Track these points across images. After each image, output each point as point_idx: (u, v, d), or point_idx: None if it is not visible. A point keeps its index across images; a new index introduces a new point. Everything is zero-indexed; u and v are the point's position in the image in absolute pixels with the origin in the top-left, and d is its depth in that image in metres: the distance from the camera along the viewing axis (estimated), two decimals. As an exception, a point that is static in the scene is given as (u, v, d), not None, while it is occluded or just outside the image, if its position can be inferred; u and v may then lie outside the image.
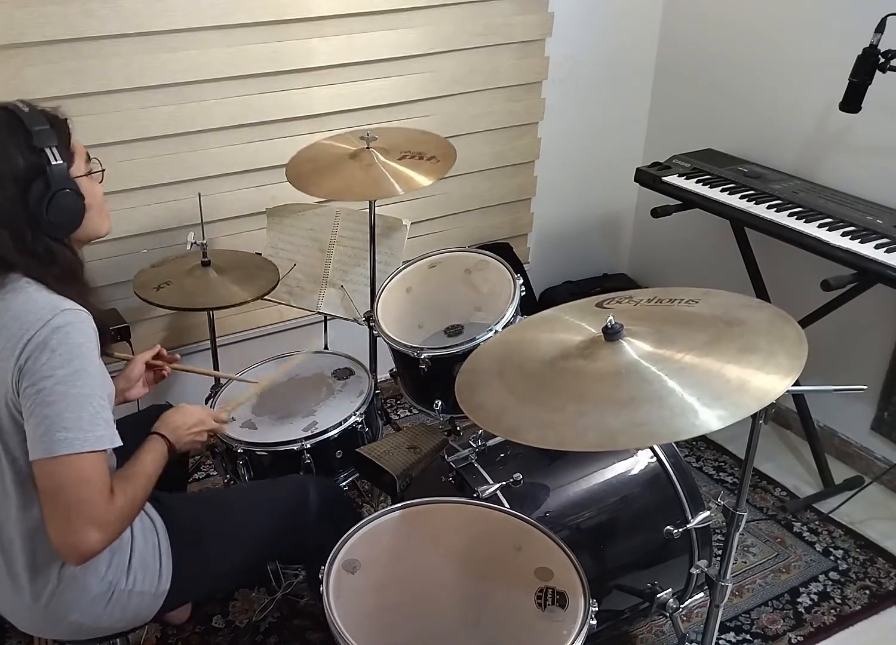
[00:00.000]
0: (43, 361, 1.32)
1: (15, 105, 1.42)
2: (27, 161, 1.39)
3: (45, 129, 1.40)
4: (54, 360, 1.32)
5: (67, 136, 1.46)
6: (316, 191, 2.24)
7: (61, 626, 1.53)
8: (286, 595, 2.20)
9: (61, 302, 1.38)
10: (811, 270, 2.36)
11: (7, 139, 1.38)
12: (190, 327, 2.63)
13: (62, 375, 1.32)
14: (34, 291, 1.39)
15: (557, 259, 3.32)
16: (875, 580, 2.31)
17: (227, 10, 2.33)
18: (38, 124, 1.40)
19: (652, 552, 1.85)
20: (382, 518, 1.56)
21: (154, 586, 1.55)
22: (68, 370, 1.33)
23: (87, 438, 1.33)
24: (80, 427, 1.32)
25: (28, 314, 1.36)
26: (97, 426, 1.34)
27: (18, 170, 1.38)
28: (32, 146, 1.39)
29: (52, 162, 1.39)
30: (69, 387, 1.32)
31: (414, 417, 2.94)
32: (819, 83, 2.56)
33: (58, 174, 1.40)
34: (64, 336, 1.34)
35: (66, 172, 1.42)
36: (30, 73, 2.16)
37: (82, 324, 1.38)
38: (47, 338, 1.33)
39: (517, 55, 2.86)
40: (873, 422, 2.67)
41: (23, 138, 1.39)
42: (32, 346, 1.33)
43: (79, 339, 1.36)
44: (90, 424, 1.34)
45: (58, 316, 1.35)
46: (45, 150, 1.39)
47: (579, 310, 1.59)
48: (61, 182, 1.41)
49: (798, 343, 1.33)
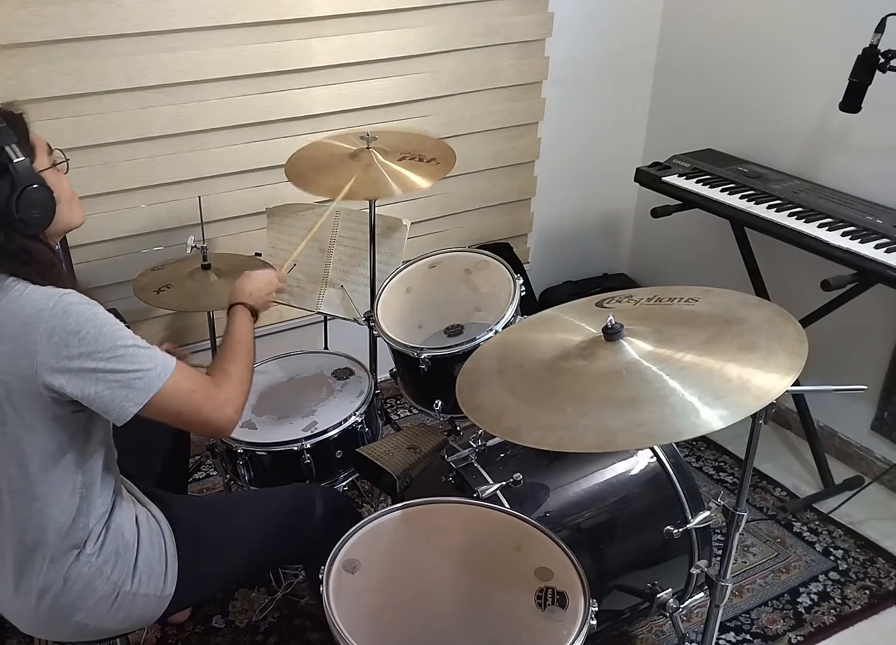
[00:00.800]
0: (75, 345, 1.34)
1: None
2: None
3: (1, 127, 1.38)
4: (86, 339, 1.35)
5: (25, 131, 1.44)
6: (315, 190, 2.24)
7: (65, 627, 1.52)
8: (286, 595, 2.20)
9: (53, 289, 1.38)
10: (811, 270, 2.36)
11: None
12: (190, 327, 2.63)
13: (104, 346, 1.36)
14: (23, 288, 1.38)
15: (557, 259, 3.32)
16: (875, 580, 2.31)
17: (227, 10, 2.33)
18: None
19: (652, 552, 1.85)
20: (382, 518, 1.56)
21: (159, 589, 1.55)
22: (104, 339, 1.37)
23: (157, 371, 1.40)
24: (145, 367, 1.39)
25: (25, 309, 1.35)
26: (154, 357, 1.42)
27: None
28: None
29: (13, 159, 1.37)
30: (116, 350, 1.37)
31: (414, 417, 2.94)
32: (819, 83, 2.56)
33: (21, 171, 1.38)
34: (76, 316, 1.36)
35: (29, 168, 1.39)
36: (30, 73, 2.16)
37: (81, 298, 1.40)
38: (63, 325, 1.34)
39: (517, 55, 2.86)
40: (873, 422, 2.67)
41: None
42: (56, 339, 1.34)
43: (88, 310, 1.38)
44: (148, 360, 1.41)
45: (58, 302, 1.36)
46: (3, 148, 1.37)
47: (579, 310, 1.59)
48: (26, 178, 1.38)
49: (798, 341, 1.33)
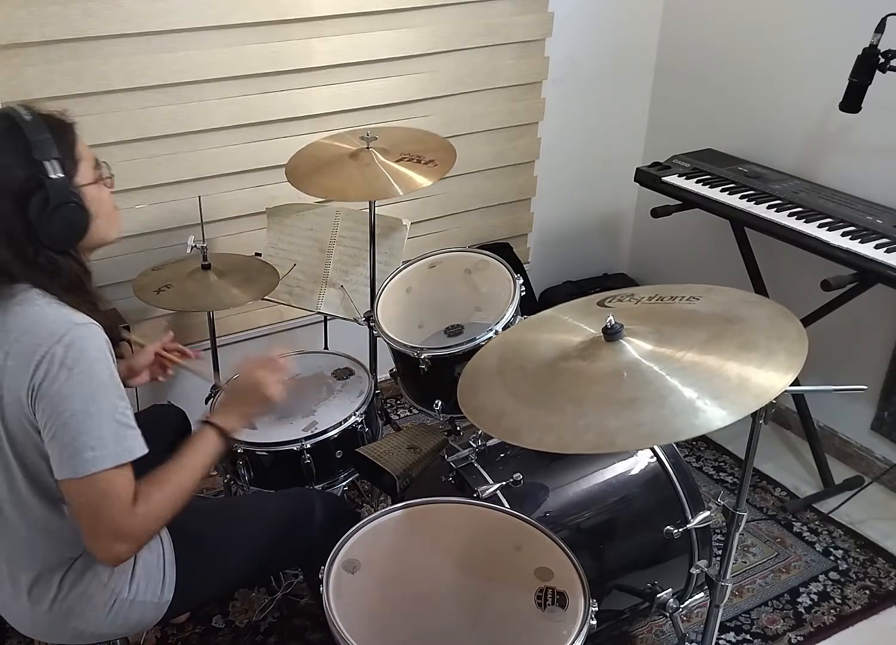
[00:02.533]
0: (62, 380, 1.30)
1: (17, 112, 1.36)
2: (25, 174, 1.33)
3: (45, 138, 1.34)
4: (73, 379, 1.30)
5: (72, 144, 1.40)
6: (315, 190, 2.24)
7: (63, 631, 1.52)
8: (286, 595, 2.20)
9: (72, 315, 1.35)
10: (811, 270, 2.36)
11: (6, 149, 1.33)
12: (190, 327, 2.63)
13: (83, 396, 1.31)
14: (45, 305, 1.36)
15: (557, 259, 3.32)
16: (875, 580, 2.31)
17: (227, 10, 2.33)
18: (38, 134, 1.34)
19: (652, 552, 1.85)
20: (382, 518, 1.56)
21: (157, 596, 1.55)
22: (89, 389, 1.31)
23: (115, 452, 1.32)
24: (106, 444, 1.31)
25: (39, 328, 1.33)
26: (123, 439, 1.34)
27: (16, 183, 1.32)
28: (31, 158, 1.33)
29: (50, 175, 1.34)
30: (90, 405, 1.31)
31: (414, 417, 2.94)
32: (819, 83, 2.56)
33: (57, 188, 1.34)
34: (79, 353, 1.31)
35: (66, 185, 1.36)
36: (30, 73, 2.16)
37: (95, 337, 1.35)
38: (63, 356, 1.30)
39: (517, 55, 2.86)
40: (873, 422, 2.67)
41: (21, 149, 1.33)
42: (47, 364, 1.30)
43: (94, 354, 1.33)
44: (116, 438, 1.33)
45: (71, 331, 1.32)
46: (44, 162, 1.34)
47: (580, 309, 1.59)
48: (62, 196, 1.35)
49: (798, 340, 1.33)
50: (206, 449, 1.51)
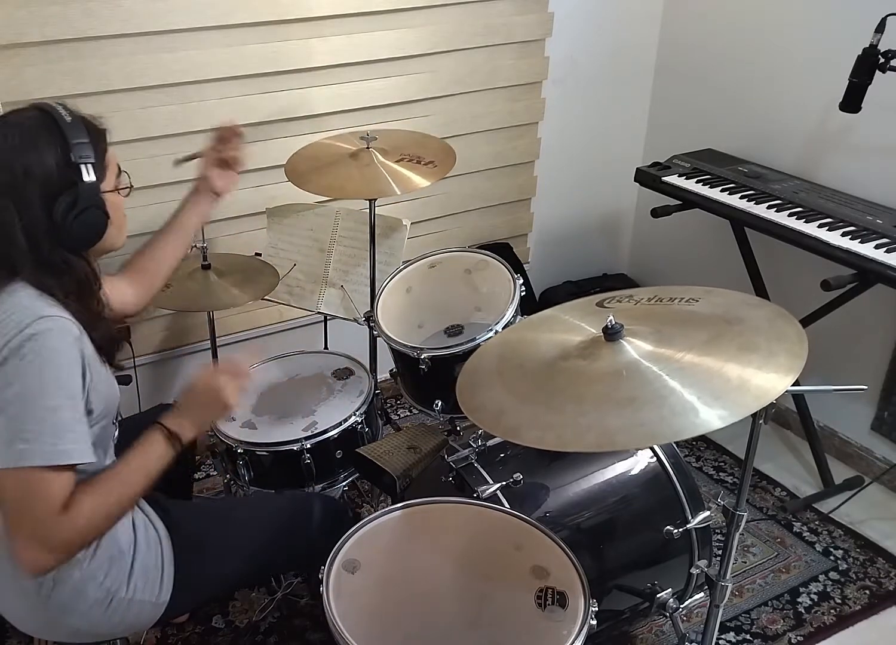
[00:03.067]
0: (10, 366, 1.28)
1: (57, 111, 1.37)
2: (60, 173, 1.35)
3: (84, 143, 1.36)
4: (22, 368, 1.28)
5: (104, 150, 1.43)
6: (314, 188, 2.24)
7: (60, 628, 1.52)
8: (286, 595, 2.20)
9: (43, 308, 1.33)
10: (811, 270, 2.36)
11: (44, 146, 1.34)
12: (190, 327, 2.63)
13: (28, 385, 1.28)
14: (24, 296, 1.35)
15: (557, 259, 3.32)
16: (875, 580, 2.31)
17: (227, 10, 2.33)
18: (78, 137, 1.36)
19: (652, 552, 1.85)
20: (382, 518, 1.56)
21: (155, 595, 1.54)
22: (36, 380, 1.28)
23: (47, 451, 1.27)
24: (41, 440, 1.27)
25: (9, 318, 1.32)
26: (61, 439, 1.29)
27: (50, 180, 1.34)
28: (69, 159, 1.35)
29: (84, 178, 1.36)
30: (35, 397, 1.27)
31: (414, 417, 2.94)
32: (819, 83, 2.56)
33: (88, 191, 1.37)
34: (37, 345, 1.29)
35: (95, 189, 1.38)
36: (30, 73, 2.16)
37: (60, 331, 1.32)
38: (19, 345, 1.28)
39: (517, 55, 2.86)
40: (873, 422, 2.67)
41: (60, 149, 1.34)
42: (6, 351, 1.29)
43: (56, 346, 1.31)
44: (53, 436, 1.28)
45: (35, 323, 1.30)
46: (80, 165, 1.35)
47: (579, 309, 1.59)
48: (90, 199, 1.37)
49: (798, 342, 1.33)
50: (152, 453, 1.43)
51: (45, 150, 1.34)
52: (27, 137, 1.35)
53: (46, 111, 1.38)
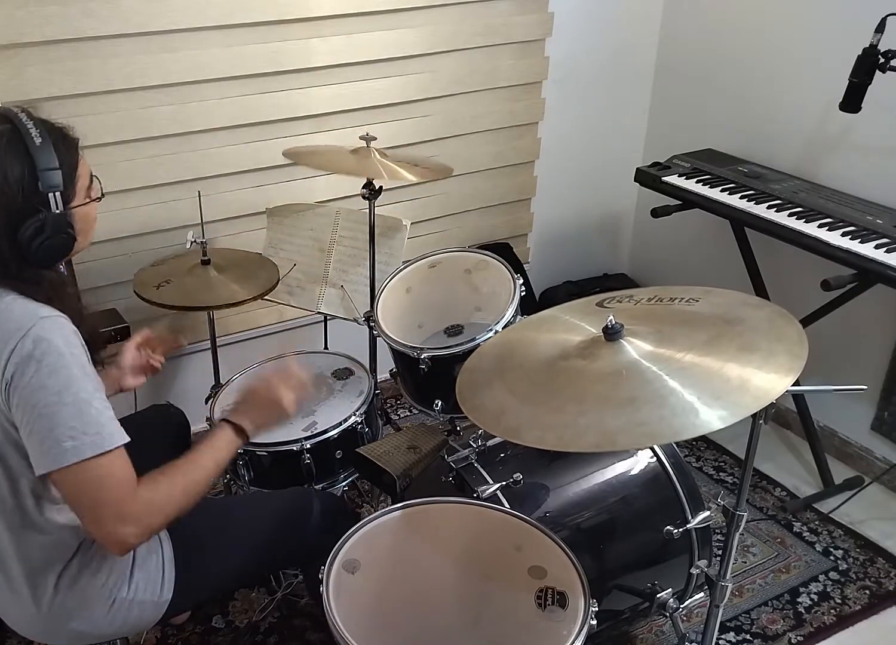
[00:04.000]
0: (31, 373, 1.29)
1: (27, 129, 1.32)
2: (26, 201, 1.32)
3: (53, 170, 1.32)
4: (42, 371, 1.29)
5: (74, 167, 1.39)
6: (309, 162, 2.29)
7: (62, 633, 1.52)
8: (286, 595, 2.20)
9: (38, 309, 1.34)
10: (811, 270, 2.36)
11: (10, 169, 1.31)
12: (190, 327, 2.63)
13: (55, 386, 1.29)
14: (11, 301, 1.35)
15: (557, 259, 3.32)
16: (875, 580, 2.31)
17: (227, 11, 2.33)
18: (47, 163, 1.32)
19: (652, 552, 1.84)
20: (382, 518, 1.56)
21: (156, 595, 1.54)
22: (59, 380, 1.30)
23: (94, 441, 1.31)
24: (86, 432, 1.30)
25: (6, 325, 1.33)
26: (103, 426, 1.33)
27: (15, 206, 1.32)
28: (36, 187, 1.32)
29: (52, 208, 1.34)
30: (64, 395, 1.30)
31: (414, 417, 2.93)
32: (819, 83, 2.56)
33: (54, 221, 1.35)
34: (47, 345, 1.30)
35: (63, 218, 1.36)
36: (30, 73, 2.16)
37: (62, 329, 1.34)
38: (31, 349, 1.29)
39: (517, 55, 2.86)
40: (873, 422, 2.67)
41: (27, 176, 1.31)
42: (17, 358, 1.30)
43: (62, 345, 1.32)
44: (95, 426, 1.32)
45: (37, 324, 1.31)
46: (48, 195, 1.33)
47: (579, 309, 1.59)
48: (56, 228, 1.35)
49: (798, 342, 1.33)
50: (222, 445, 1.51)
51: (10, 175, 1.31)
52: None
53: (16, 127, 1.33)
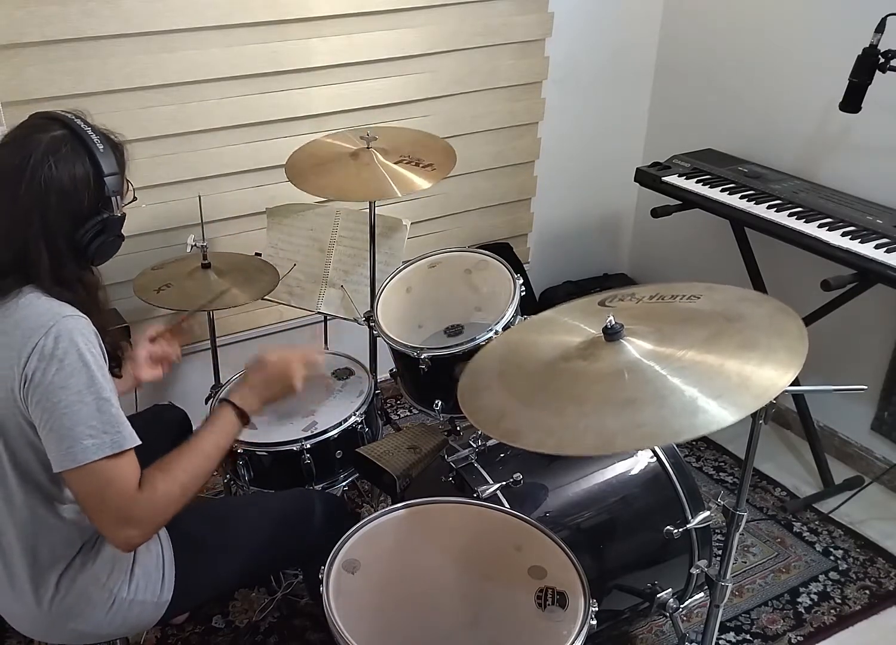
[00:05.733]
0: (52, 372, 1.31)
1: (88, 135, 1.39)
2: (91, 204, 1.39)
3: (116, 174, 1.41)
4: (65, 370, 1.31)
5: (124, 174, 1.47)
6: (313, 189, 2.24)
7: (62, 632, 1.52)
8: (286, 595, 2.20)
9: (61, 308, 1.37)
10: (811, 270, 2.36)
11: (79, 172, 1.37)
12: (190, 327, 2.62)
13: (76, 385, 1.31)
14: (34, 298, 1.37)
15: (557, 259, 3.32)
16: (875, 580, 2.31)
17: (227, 11, 2.33)
18: (111, 168, 1.40)
19: (652, 552, 1.85)
20: (382, 518, 1.56)
21: (156, 595, 1.55)
22: (81, 378, 1.32)
23: (115, 440, 1.33)
24: (105, 431, 1.33)
25: (28, 322, 1.34)
26: (120, 426, 1.35)
27: (81, 207, 1.38)
28: (103, 192, 1.40)
29: (114, 211, 1.42)
30: (85, 394, 1.32)
31: (414, 417, 2.94)
32: (819, 83, 2.56)
33: (115, 223, 1.43)
34: (68, 344, 1.32)
35: (119, 221, 1.44)
36: (30, 73, 2.16)
37: (83, 328, 1.36)
38: (53, 348, 1.31)
39: (517, 55, 2.86)
40: (873, 422, 2.67)
41: (93, 180, 1.38)
42: (37, 356, 1.32)
43: (82, 344, 1.34)
44: (113, 426, 1.34)
45: (58, 323, 1.34)
46: (111, 198, 1.41)
47: (580, 309, 1.59)
48: (115, 230, 1.44)
49: (798, 338, 1.32)
50: (223, 427, 1.53)
51: (79, 180, 1.37)
52: (63, 165, 1.36)
53: (75, 133, 1.38)
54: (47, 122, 1.41)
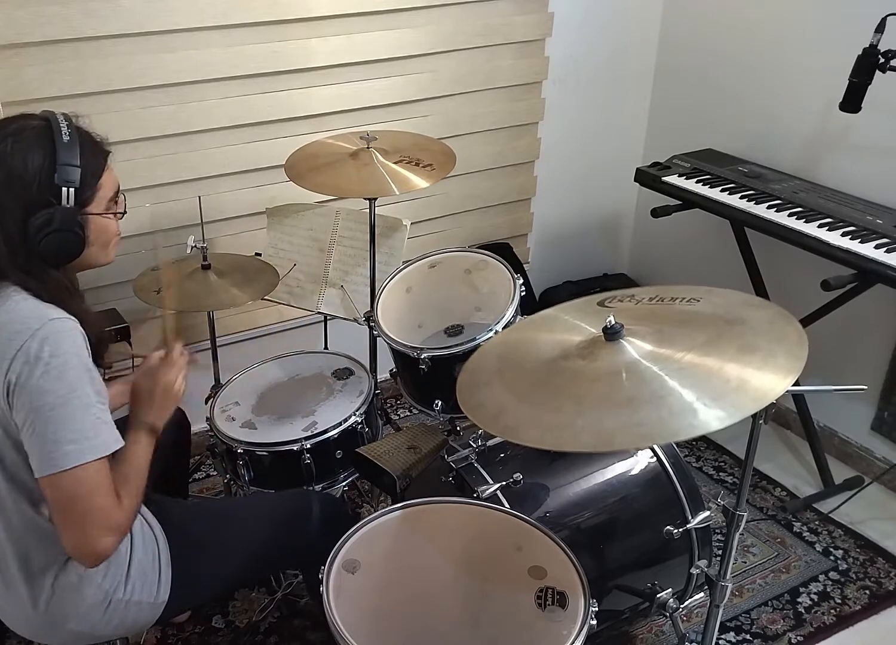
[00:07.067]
0: (37, 375, 1.30)
1: (59, 126, 1.37)
2: (40, 191, 1.36)
3: (72, 166, 1.36)
4: (49, 374, 1.30)
5: (96, 174, 1.42)
6: (312, 185, 2.23)
7: (60, 633, 1.52)
8: (286, 595, 2.20)
9: (48, 311, 1.36)
10: (811, 270, 2.36)
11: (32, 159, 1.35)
12: (190, 327, 2.62)
13: (60, 390, 1.30)
14: (21, 300, 1.36)
15: (557, 259, 3.32)
16: (875, 580, 2.31)
17: (227, 11, 2.33)
18: (68, 159, 1.36)
19: (652, 552, 1.85)
20: (382, 518, 1.56)
21: (153, 596, 1.54)
22: (65, 383, 1.31)
23: (95, 445, 1.32)
24: (86, 436, 1.31)
25: (14, 324, 1.34)
26: (101, 432, 1.34)
27: (29, 194, 1.35)
28: (52, 180, 1.35)
29: (62, 202, 1.37)
30: (69, 399, 1.31)
31: (414, 417, 2.94)
32: (819, 83, 2.56)
33: (63, 214, 1.37)
34: (54, 347, 1.31)
35: (73, 214, 1.39)
36: (30, 73, 2.16)
37: (70, 331, 1.35)
38: (38, 350, 1.30)
39: (517, 55, 2.86)
40: (873, 422, 2.67)
41: (46, 167, 1.35)
42: (23, 359, 1.30)
43: (69, 348, 1.33)
44: (94, 431, 1.33)
45: (45, 326, 1.33)
46: (62, 188, 1.36)
47: (580, 309, 1.59)
48: (65, 222, 1.38)
49: (798, 343, 1.33)
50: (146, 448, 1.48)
51: (31, 163, 1.35)
52: (19, 146, 1.36)
53: (49, 124, 1.38)
54: (35, 115, 1.41)
